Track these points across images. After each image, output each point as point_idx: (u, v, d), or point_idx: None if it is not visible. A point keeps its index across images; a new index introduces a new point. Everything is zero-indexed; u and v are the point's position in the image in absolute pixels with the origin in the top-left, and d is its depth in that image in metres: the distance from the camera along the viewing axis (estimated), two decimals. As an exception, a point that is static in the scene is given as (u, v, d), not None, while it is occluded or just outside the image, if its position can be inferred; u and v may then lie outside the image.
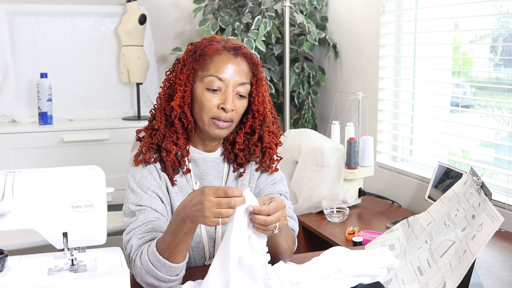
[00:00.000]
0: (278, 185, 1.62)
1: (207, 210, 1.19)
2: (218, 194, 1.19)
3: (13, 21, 3.16)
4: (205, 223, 1.22)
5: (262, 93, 1.53)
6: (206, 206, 1.19)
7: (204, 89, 1.46)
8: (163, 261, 1.30)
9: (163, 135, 1.49)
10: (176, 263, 1.31)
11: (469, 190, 1.36)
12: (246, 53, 1.49)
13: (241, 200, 1.20)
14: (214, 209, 1.19)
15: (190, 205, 1.24)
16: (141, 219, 1.44)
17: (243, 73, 1.48)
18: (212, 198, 1.19)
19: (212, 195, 1.20)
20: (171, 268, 1.30)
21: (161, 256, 1.30)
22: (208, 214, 1.20)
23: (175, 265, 1.30)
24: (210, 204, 1.19)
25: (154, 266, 1.31)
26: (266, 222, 1.23)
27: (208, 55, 1.47)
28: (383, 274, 1.38)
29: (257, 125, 1.54)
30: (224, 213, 1.19)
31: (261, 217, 1.23)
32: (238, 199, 1.19)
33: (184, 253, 1.31)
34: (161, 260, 1.30)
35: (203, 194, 1.21)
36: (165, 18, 3.51)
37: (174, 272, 1.31)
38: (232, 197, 1.19)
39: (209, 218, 1.20)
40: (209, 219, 1.20)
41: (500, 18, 2.31)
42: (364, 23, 2.88)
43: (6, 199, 1.18)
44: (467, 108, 2.45)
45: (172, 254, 1.30)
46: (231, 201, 1.18)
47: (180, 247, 1.29)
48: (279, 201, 1.27)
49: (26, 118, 3.18)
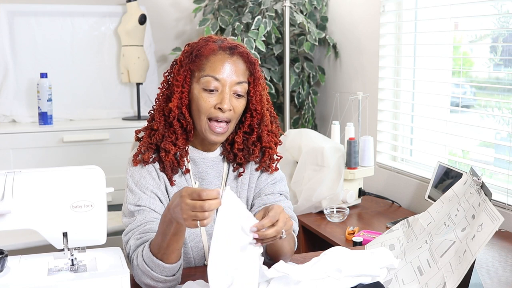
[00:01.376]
0: (278, 185, 1.62)
1: (184, 212, 1.18)
2: (193, 196, 1.17)
3: (13, 21, 3.16)
4: (186, 226, 1.21)
5: (260, 91, 1.52)
6: (183, 208, 1.18)
7: (201, 89, 1.46)
8: (157, 261, 1.30)
9: (162, 135, 1.49)
10: (169, 264, 1.30)
11: (469, 190, 1.36)
12: (242, 52, 1.49)
13: (216, 203, 1.17)
14: (189, 212, 1.17)
15: (173, 206, 1.23)
16: (140, 219, 1.44)
17: (239, 72, 1.48)
18: (188, 201, 1.17)
19: (188, 197, 1.18)
20: (165, 269, 1.30)
21: (154, 257, 1.30)
22: (185, 216, 1.18)
23: (169, 265, 1.30)
24: (186, 206, 1.18)
25: (149, 267, 1.31)
26: (277, 232, 1.23)
27: (204, 55, 1.46)
28: (383, 274, 1.38)
29: (255, 124, 1.54)
30: (200, 216, 1.17)
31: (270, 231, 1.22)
32: (212, 202, 1.16)
33: (176, 253, 1.30)
34: (155, 261, 1.30)
35: (180, 196, 1.20)
36: (165, 18, 3.51)
37: (169, 272, 1.31)
38: (207, 200, 1.16)
39: (187, 221, 1.19)
40: (187, 222, 1.19)
41: (500, 18, 2.31)
42: (364, 23, 2.88)
43: (6, 199, 1.18)
44: (467, 108, 2.45)
45: (165, 254, 1.29)
46: (204, 204, 1.15)
47: (171, 247, 1.28)
48: (276, 207, 1.26)
49: (26, 118, 3.18)
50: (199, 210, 1.16)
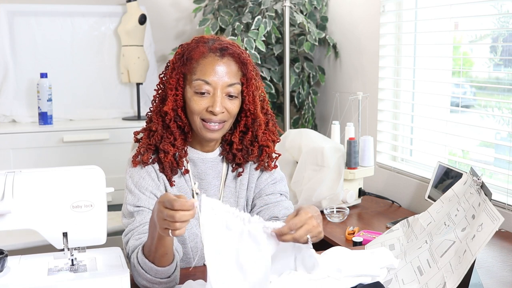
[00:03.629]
0: (278, 185, 1.62)
1: (158, 219, 1.17)
2: (166, 205, 1.15)
3: (13, 21, 3.16)
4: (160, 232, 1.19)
5: (252, 91, 1.51)
6: (158, 215, 1.17)
7: (193, 93, 1.46)
8: (149, 264, 1.29)
9: (161, 136, 1.49)
10: (161, 267, 1.30)
11: (469, 190, 1.36)
12: (233, 53, 1.47)
13: (189, 215, 1.13)
14: (162, 220, 1.16)
15: (153, 210, 1.22)
16: (139, 220, 1.44)
17: (231, 73, 1.47)
18: (162, 208, 1.15)
19: (162, 204, 1.16)
20: (158, 272, 1.30)
21: (147, 260, 1.30)
22: (159, 224, 1.17)
23: (161, 268, 1.30)
24: (160, 214, 1.16)
25: (143, 269, 1.31)
26: (295, 239, 1.21)
27: (194, 58, 1.46)
28: (383, 274, 1.38)
29: (250, 124, 1.54)
30: (171, 226, 1.14)
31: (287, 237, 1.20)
32: (184, 214, 1.13)
33: (166, 257, 1.29)
34: (148, 263, 1.29)
35: (158, 203, 1.18)
36: (165, 18, 3.51)
37: (162, 275, 1.31)
38: (178, 211, 1.13)
39: (160, 229, 1.18)
40: (161, 230, 1.18)
41: (500, 18, 2.31)
42: (364, 23, 2.88)
43: (6, 199, 1.18)
44: (467, 108, 2.45)
45: (155, 258, 1.29)
46: (175, 214, 1.12)
47: (159, 251, 1.27)
48: (303, 214, 1.23)
49: (26, 118, 3.18)
50: (170, 220, 1.14)
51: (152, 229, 1.26)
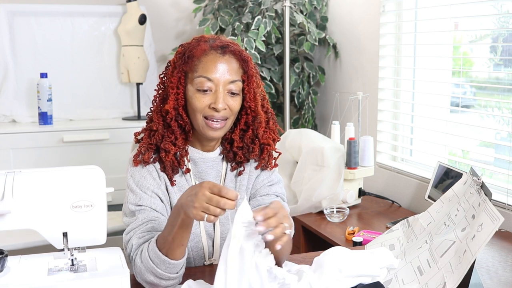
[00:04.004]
0: (275, 187, 1.62)
1: (197, 201, 1.20)
2: (213, 190, 1.20)
3: (13, 21, 3.16)
4: (193, 215, 1.22)
5: (254, 89, 1.52)
6: (198, 197, 1.20)
7: (195, 90, 1.47)
8: (162, 257, 1.30)
9: (162, 135, 1.49)
10: (174, 260, 1.31)
11: (469, 190, 1.36)
12: (234, 50, 1.48)
13: (231, 204, 1.19)
14: (204, 203, 1.20)
15: (186, 194, 1.26)
16: (141, 218, 1.45)
17: (232, 70, 1.48)
18: (206, 192, 1.20)
19: (208, 189, 1.20)
20: (170, 265, 1.31)
21: (160, 252, 1.30)
22: (197, 206, 1.20)
23: (174, 261, 1.31)
24: (203, 197, 1.20)
25: (153, 263, 1.31)
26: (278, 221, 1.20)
27: (196, 56, 1.46)
28: (383, 274, 1.38)
29: (251, 121, 1.54)
30: (211, 210, 1.19)
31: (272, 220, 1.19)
32: (228, 202, 1.19)
33: (181, 249, 1.31)
34: (160, 256, 1.30)
35: (201, 187, 1.22)
36: (165, 18, 3.51)
37: (173, 269, 1.32)
38: (224, 198, 1.19)
39: (197, 210, 1.21)
40: (196, 211, 1.21)
41: (500, 18, 2.31)
42: (364, 23, 2.88)
43: (6, 199, 1.18)
44: (467, 108, 2.45)
45: (170, 249, 1.30)
46: (220, 200, 1.18)
47: (176, 241, 1.29)
48: (275, 202, 1.26)
49: (26, 118, 3.18)
50: (214, 204, 1.19)
51: (174, 217, 1.28)
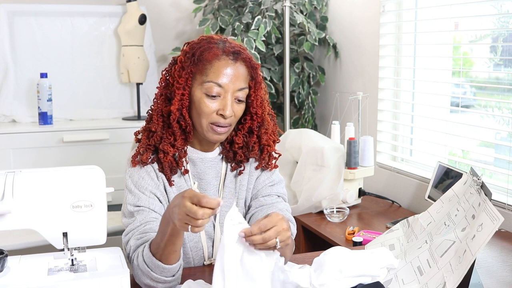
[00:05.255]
0: (276, 187, 1.61)
1: (180, 213, 1.18)
2: (193, 200, 1.17)
3: (13, 21, 3.16)
4: (177, 226, 1.20)
5: (261, 96, 1.52)
6: (180, 208, 1.18)
7: (203, 94, 1.45)
8: (156, 262, 1.29)
9: (160, 137, 1.48)
10: (168, 265, 1.30)
11: (469, 190, 1.36)
12: (245, 57, 1.48)
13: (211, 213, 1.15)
14: (185, 214, 1.17)
15: (172, 205, 1.23)
16: (139, 219, 1.44)
17: (242, 78, 1.47)
18: (187, 203, 1.17)
19: (188, 200, 1.17)
20: (164, 270, 1.30)
21: (154, 257, 1.30)
22: (180, 217, 1.18)
23: (168, 266, 1.30)
24: (183, 208, 1.17)
25: (148, 267, 1.31)
26: (264, 239, 1.19)
27: (208, 59, 1.44)
28: (383, 274, 1.38)
29: (255, 127, 1.53)
30: (192, 222, 1.16)
31: (256, 237, 1.18)
32: (206, 212, 1.15)
33: (175, 255, 1.30)
34: (154, 261, 1.30)
35: (182, 197, 1.19)
36: (165, 18, 3.51)
37: (168, 273, 1.31)
38: (204, 208, 1.15)
39: (180, 222, 1.19)
40: (180, 222, 1.19)
41: (500, 18, 2.31)
42: (364, 23, 2.88)
43: (6, 199, 1.18)
44: (467, 108, 2.45)
45: (163, 255, 1.29)
46: (198, 211, 1.14)
47: (168, 248, 1.28)
48: (274, 216, 1.23)
49: (26, 118, 3.18)
50: (193, 216, 1.15)
51: (164, 225, 1.26)
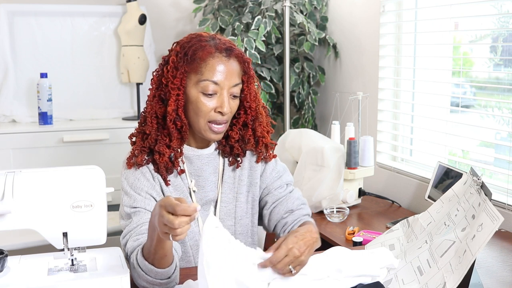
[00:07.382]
0: (283, 177, 1.65)
1: (159, 222, 1.16)
2: (168, 210, 1.14)
3: (13, 21, 3.16)
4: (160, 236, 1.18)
5: (254, 89, 1.54)
6: (159, 218, 1.16)
7: (199, 93, 1.46)
8: (149, 266, 1.29)
9: (155, 139, 1.48)
10: (161, 268, 1.29)
11: (469, 190, 1.36)
12: (237, 53, 1.49)
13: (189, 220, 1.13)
14: (162, 224, 1.15)
15: (153, 214, 1.22)
16: (136, 221, 1.44)
17: (235, 73, 1.48)
18: (163, 212, 1.14)
19: (164, 209, 1.15)
20: (158, 273, 1.30)
21: (146, 262, 1.29)
22: (160, 228, 1.17)
23: (161, 270, 1.29)
24: (161, 218, 1.15)
25: (143, 270, 1.30)
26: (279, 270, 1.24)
27: (202, 58, 1.45)
28: (383, 274, 1.38)
29: (250, 120, 1.55)
30: (171, 232, 1.14)
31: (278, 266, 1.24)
32: (184, 219, 1.12)
33: (166, 259, 1.29)
34: (147, 265, 1.29)
35: (159, 206, 1.17)
36: (165, 18, 3.51)
37: (162, 276, 1.31)
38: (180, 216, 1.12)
39: (161, 232, 1.17)
40: (161, 233, 1.17)
41: (500, 18, 2.31)
42: (364, 23, 2.88)
43: (6, 199, 1.18)
44: (467, 108, 2.45)
45: (155, 259, 1.28)
46: (174, 221, 1.12)
47: (158, 253, 1.27)
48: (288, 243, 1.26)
49: (26, 118, 3.18)
50: (171, 226, 1.13)
51: (151, 231, 1.25)
